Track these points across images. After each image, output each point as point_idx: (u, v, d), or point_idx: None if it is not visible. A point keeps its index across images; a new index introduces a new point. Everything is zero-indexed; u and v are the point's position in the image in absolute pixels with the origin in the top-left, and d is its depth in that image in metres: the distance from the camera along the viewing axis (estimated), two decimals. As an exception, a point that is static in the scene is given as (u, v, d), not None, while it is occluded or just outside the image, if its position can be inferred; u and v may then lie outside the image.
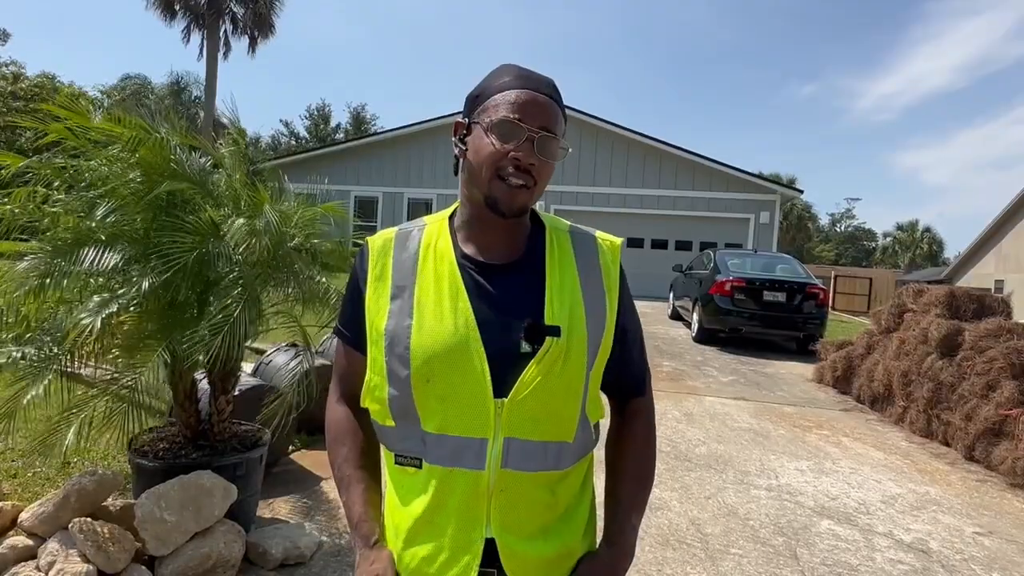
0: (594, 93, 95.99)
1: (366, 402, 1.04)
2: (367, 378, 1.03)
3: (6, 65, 25.14)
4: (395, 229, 1.09)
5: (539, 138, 0.97)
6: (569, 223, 1.14)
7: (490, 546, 0.97)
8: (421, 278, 1.01)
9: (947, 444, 5.45)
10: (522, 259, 1.05)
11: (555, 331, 0.97)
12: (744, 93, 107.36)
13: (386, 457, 1.06)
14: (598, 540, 1.12)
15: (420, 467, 0.98)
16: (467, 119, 1.03)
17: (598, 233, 1.13)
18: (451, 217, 1.09)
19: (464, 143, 1.02)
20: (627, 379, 1.15)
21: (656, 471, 1.20)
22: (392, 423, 1.00)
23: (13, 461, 3.67)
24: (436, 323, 0.96)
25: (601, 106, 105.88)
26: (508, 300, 1.00)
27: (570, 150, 1.07)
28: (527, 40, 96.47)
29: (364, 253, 1.07)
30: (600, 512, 1.15)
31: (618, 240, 1.14)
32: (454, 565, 0.96)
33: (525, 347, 0.96)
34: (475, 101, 1.02)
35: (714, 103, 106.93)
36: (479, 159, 0.98)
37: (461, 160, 1.04)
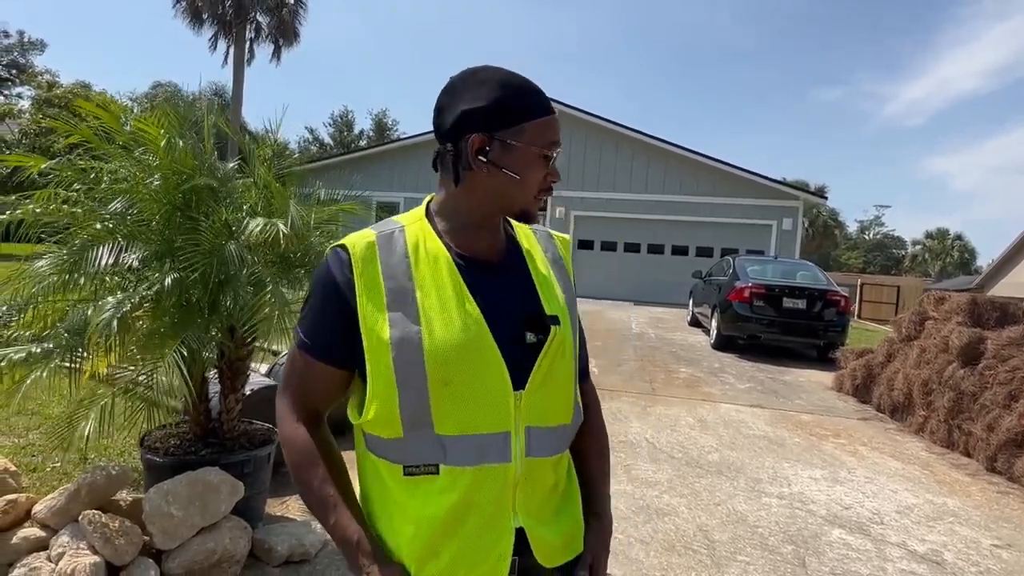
0: (608, 95, 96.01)
1: (368, 415, 0.98)
2: (370, 391, 0.97)
3: (41, 74, 25.91)
4: (373, 232, 1.04)
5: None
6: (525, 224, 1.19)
7: (517, 535, 1.00)
8: (419, 281, 0.99)
9: (968, 455, 5.33)
10: (506, 257, 1.08)
11: (556, 320, 1.04)
12: (768, 98, 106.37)
13: (385, 471, 1.00)
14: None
15: (437, 472, 0.96)
16: (489, 135, 0.99)
17: (549, 230, 1.22)
18: (428, 217, 1.07)
19: (488, 158, 0.99)
20: (582, 364, 1.21)
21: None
22: (400, 433, 0.97)
23: (33, 456, 3.77)
24: (445, 325, 0.96)
25: (615, 108, 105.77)
26: (505, 295, 1.03)
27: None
28: (535, 43, 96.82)
29: (343, 260, 1.01)
30: None
31: (568, 236, 1.25)
32: (487, 559, 0.98)
33: (531, 338, 1.01)
34: (498, 117, 0.99)
35: (738, 108, 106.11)
36: (529, 182, 1.02)
37: (479, 172, 1.01)
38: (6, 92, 28.12)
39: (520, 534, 1.00)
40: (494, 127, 0.99)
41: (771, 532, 3.54)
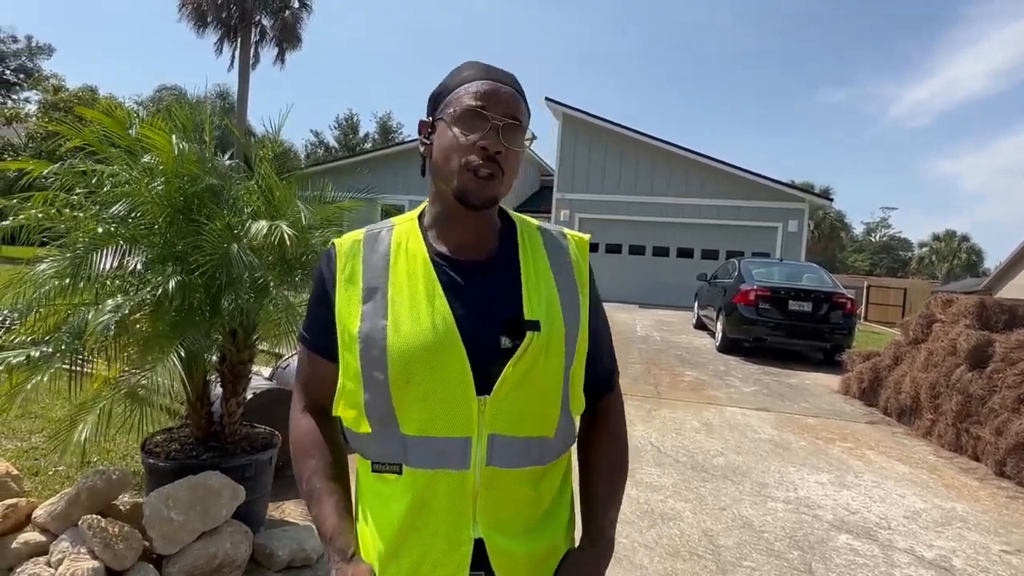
0: (608, 95, 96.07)
1: (339, 409, 1.01)
2: (340, 384, 1.00)
3: (48, 78, 26.07)
4: (363, 230, 1.07)
5: (504, 126, 0.96)
6: (538, 222, 1.14)
7: (477, 547, 0.95)
8: (394, 278, 0.99)
9: (977, 459, 5.28)
10: (495, 256, 1.04)
11: (535, 325, 0.97)
12: (770, 98, 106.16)
13: (361, 466, 1.02)
14: (576, 536, 1.11)
15: (400, 472, 0.96)
16: (431, 118, 1.03)
17: (566, 229, 1.14)
18: (420, 217, 1.08)
19: (429, 140, 1.03)
20: (598, 375, 1.13)
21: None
22: (368, 429, 0.97)
23: (36, 460, 3.77)
24: (413, 323, 0.94)
25: (615, 108, 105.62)
26: (485, 296, 0.99)
27: (536, 138, 1.08)
28: (535, 43, 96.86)
29: (331, 255, 1.05)
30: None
31: (586, 236, 1.14)
32: (444, 568, 0.95)
33: (506, 342, 0.95)
34: (438, 99, 1.02)
35: (739, 108, 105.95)
36: (446, 152, 0.98)
37: (427, 159, 1.05)
38: (14, 97, 28.32)
39: (483, 547, 0.96)
40: (435, 109, 1.03)
41: (777, 537, 3.50)
